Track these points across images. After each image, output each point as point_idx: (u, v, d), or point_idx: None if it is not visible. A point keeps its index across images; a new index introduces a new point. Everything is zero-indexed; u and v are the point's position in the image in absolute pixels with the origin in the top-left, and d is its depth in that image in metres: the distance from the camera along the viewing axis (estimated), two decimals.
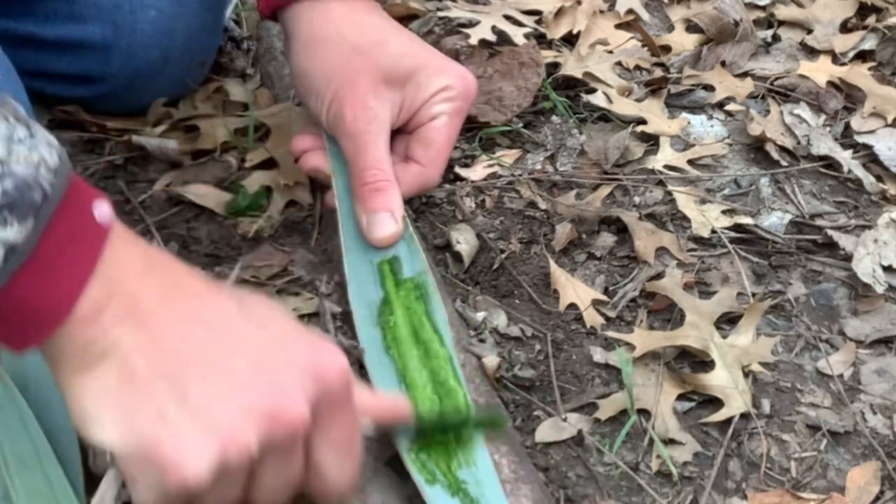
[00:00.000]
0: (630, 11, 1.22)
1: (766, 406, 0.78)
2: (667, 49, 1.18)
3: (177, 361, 0.54)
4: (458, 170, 0.98)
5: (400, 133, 0.83)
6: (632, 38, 1.18)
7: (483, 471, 0.66)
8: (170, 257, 0.59)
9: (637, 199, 0.96)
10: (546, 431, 0.75)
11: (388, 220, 0.78)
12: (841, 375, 0.82)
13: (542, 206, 0.95)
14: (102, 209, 0.54)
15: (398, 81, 0.81)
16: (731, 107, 1.09)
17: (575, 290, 0.86)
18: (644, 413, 0.76)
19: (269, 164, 0.96)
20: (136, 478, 0.53)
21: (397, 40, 0.83)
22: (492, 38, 1.12)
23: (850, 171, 1.01)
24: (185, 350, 0.54)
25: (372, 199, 0.78)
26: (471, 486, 0.66)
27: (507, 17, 1.16)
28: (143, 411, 0.52)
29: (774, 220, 0.95)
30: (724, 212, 0.95)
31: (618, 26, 1.20)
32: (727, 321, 0.84)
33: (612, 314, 0.85)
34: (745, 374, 0.79)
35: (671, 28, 1.22)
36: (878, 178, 1.01)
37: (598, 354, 0.81)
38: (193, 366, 0.54)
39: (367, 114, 0.79)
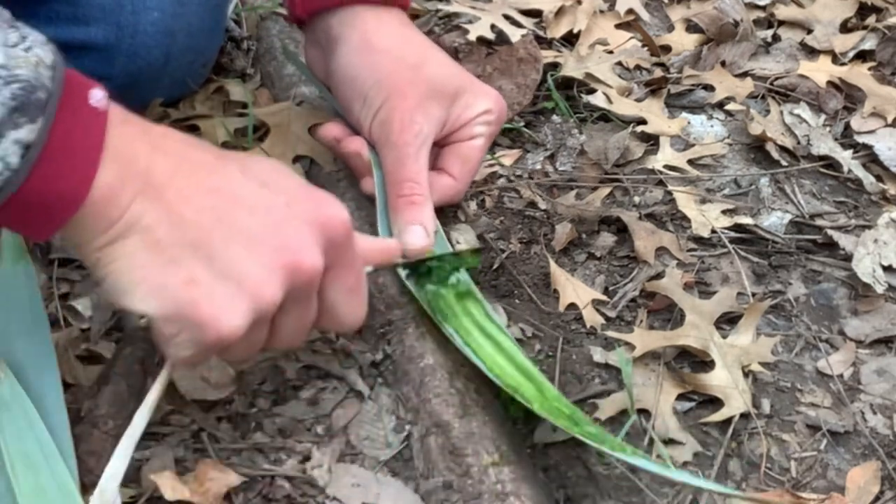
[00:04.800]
0: (630, 11, 1.22)
1: (766, 406, 0.78)
2: (667, 49, 1.18)
3: (198, 229, 0.59)
4: None
5: (433, 145, 0.85)
6: (632, 38, 1.18)
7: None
8: (171, 131, 0.63)
9: (637, 199, 0.96)
10: (546, 432, 0.75)
11: (419, 233, 0.80)
12: (841, 375, 0.82)
13: (542, 206, 0.95)
14: (98, 95, 0.58)
15: (446, 99, 0.84)
16: (731, 107, 1.09)
17: (575, 290, 0.86)
18: (644, 413, 0.76)
19: None
20: (175, 337, 0.59)
21: (443, 59, 0.88)
22: (490, 35, 1.12)
23: (850, 171, 1.01)
24: (204, 218, 0.59)
25: (406, 211, 0.81)
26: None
27: (507, 17, 1.16)
28: (174, 278, 0.58)
29: (774, 220, 0.95)
30: (724, 212, 0.95)
31: (618, 26, 1.20)
32: (727, 321, 0.84)
33: (612, 314, 0.85)
34: (745, 374, 0.79)
35: (671, 28, 1.22)
36: (878, 178, 1.01)
37: (598, 354, 0.81)
38: (213, 231, 0.59)
39: (413, 127, 0.82)
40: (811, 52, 1.19)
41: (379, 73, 0.84)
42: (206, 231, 0.59)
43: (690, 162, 1.01)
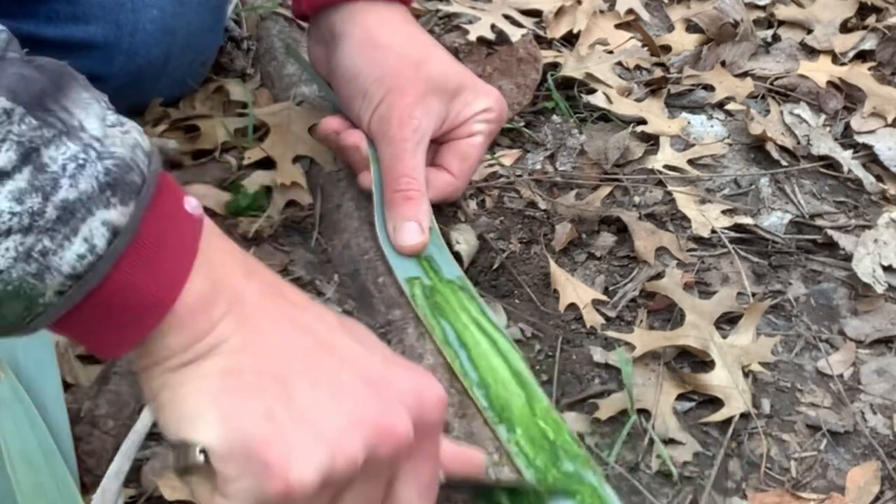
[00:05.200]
0: (630, 11, 1.22)
1: (766, 406, 0.78)
2: (667, 49, 1.18)
3: (284, 364, 0.52)
4: None
5: (431, 142, 0.85)
6: (632, 38, 1.18)
7: None
8: (261, 263, 0.57)
9: (637, 199, 0.96)
10: None
11: (414, 230, 0.80)
12: (841, 375, 0.82)
13: (542, 206, 0.95)
14: (193, 202, 0.53)
15: (446, 95, 0.84)
16: (731, 107, 1.09)
17: (575, 290, 0.86)
18: (644, 413, 0.76)
19: (268, 163, 0.96)
20: (235, 479, 0.50)
21: (444, 56, 0.87)
22: (491, 36, 1.12)
23: (850, 171, 1.01)
24: (293, 355, 0.53)
25: (402, 207, 0.80)
26: None
27: (507, 17, 1.16)
28: (249, 410, 0.50)
29: (774, 220, 0.95)
30: (724, 212, 0.95)
31: (618, 26, 1.20)
32: (727, 321, 0.84)
33: (612, 314, 0.85)
34: (745, 374, 0.79)
35: (671, 28, 1.22)
36: (878, 178, 1.01)
37: (598, 354, 0.81)
38: (300, 370, 0.52)
39: (411, 122, 0.82)
40: (811, 52, 1.19)
41: (380, 69, 0.84)
42: (292, 368, 0.52)
43: (690, 162, 1.01)
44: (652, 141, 1.03)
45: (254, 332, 0.52)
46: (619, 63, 1.14)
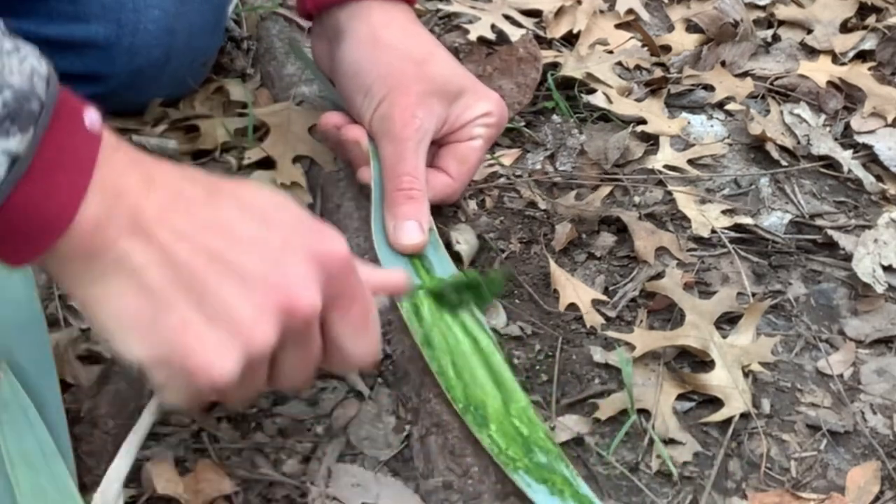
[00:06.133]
0: (630, 11, 1.22)
1: (766, 406, 0.78)
2: (667, 49, 1.18)
3: (189, 271, 0.56)
4: None
5: (431, 144, 0.85)
6: (632, 38, 1.18)
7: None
8: (163, 162, 0.59)
9: (637, 199, 0.96)
10: None
11: (415, 229, 0.80)
12: (841, 375, 0.82)
13: (542, 206, 0.95)
14: (93, 117, 0.55)
15: (447, 98, 0.84)
16: (731, 107, 1.09)
17: (575, 290, 0.86)
18: (644, 413, 0.76)
19: (269, 164, 0.96)
20: (167, 383, 0.57)
21: (447, 57, 0.88)
22: (491, 36, 1.12)
23: (850, 171, 1.01)
24: (196, 259, 0.56)
25: (403, 206, 0.80)
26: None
27: (507, 17, 1.16)
28: (165, 323, 0.55)
29: (774, 220, 0.95)
30: (724, 212, 0.95)
31: (618, 26, 1.20)
32: (727, 321, 0.84)
33: (612, 314, 0.85)
34: (745, 374, 0.79)
35: (671, 28, 1.22)
36: (878, 178, 1.01)
37: (598, 354, 0.81)
38: (205, 273, 0.56)
39: (413, 122, 0.82)
40: (811, 52, 1.19)
41: (383, 68, 0.84)
42: (198, 272, 0.56)
43: (690, 162, 1.01)
44: (652, 141, 1.03)
45: (156, 246, 0.55)
46: (619, 63, 1.14)
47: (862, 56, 1.17)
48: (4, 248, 0.54)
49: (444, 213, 0.92)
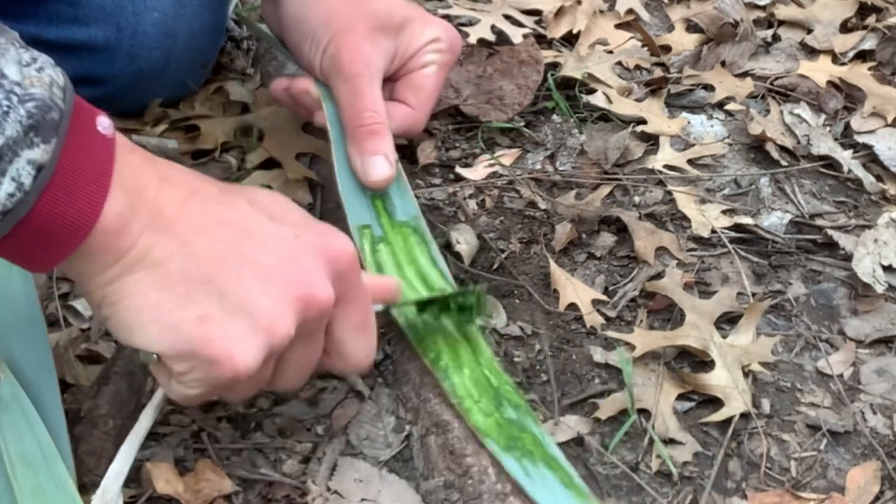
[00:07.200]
0: (630, 11, 1.22)
1: (766, 406, 0.78)
2: (667, 49, 1.18)
3: (209, 264, 0.57)
4: (458, 170, 0.98)
5: (386, 81, 0.85)
6: (632, 38, 1.18)
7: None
8: (176, 165, 0.61)
9: (637, 199, 0.96)
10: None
11: (383, 163, 0.80)
12: (841, 375, 0.82)
13: (542, 205, 0.95)
14: (105, 122, 0.57)
15: (392, 30, 0.84)
16: (731, 106, 1.09)
17: (575, 290, 0.86)
18: (644, 413, 0.76)
19: (269, 164, 0.96)
20: (185, 375, 0.58)
21: None
22: (491, 37, 1.12)
23: (850, 170, 1.01)
24: (215, 252, 0.57)
25: (368, 142, 0.80)
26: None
27: (507, 17, 1.16)
28: (186, 315, 0.56)
29: (774, 220, 0.95)
30: (724, 212, 0.95)
31: (618, 26, 1.20)
32: (727, 321, 0.84)
33: (612, 314, 0.85)
34: (745, 374, 0.79)
35: (671, 28, 1.22)
36: (878, 178, 1.01)
37: (598, 354, 0.81)
38: (225, 266, 0.57)
39: (363, 58, 0.82)
40: (811, 52, 1.19)
41: (325, 11, 0.84)
42: (218, 265, 0.57)
43: (690, 162, 1.01)
44: (652, 141, 1.03)
45: (177, 240, 0.57)
46: (619, 63, 1.14)
47: (862, 56, 1.17)
48: (31, 256, 0.55)
49: (444, 213, 0.92)
